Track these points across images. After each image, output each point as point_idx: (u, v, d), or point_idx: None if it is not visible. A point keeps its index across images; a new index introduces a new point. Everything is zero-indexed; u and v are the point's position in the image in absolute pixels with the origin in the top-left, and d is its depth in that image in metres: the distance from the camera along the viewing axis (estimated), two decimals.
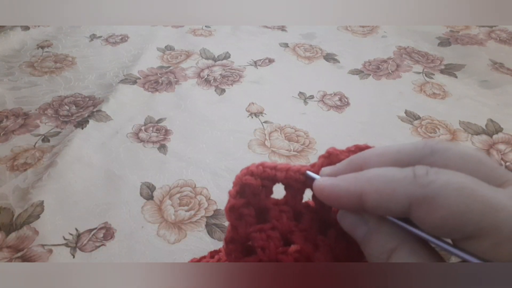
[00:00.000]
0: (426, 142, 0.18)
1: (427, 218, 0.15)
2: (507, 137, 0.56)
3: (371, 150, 0.19)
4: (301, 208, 0.22)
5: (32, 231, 0.42)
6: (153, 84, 0.68)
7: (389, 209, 0.17)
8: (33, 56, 0.75)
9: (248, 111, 0.62)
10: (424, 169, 0.16)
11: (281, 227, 0.21)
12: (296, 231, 0.21)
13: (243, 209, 0.21)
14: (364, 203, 0.17)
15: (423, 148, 0.17)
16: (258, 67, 0.73)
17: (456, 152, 0.17)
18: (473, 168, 0.16)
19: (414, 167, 0.16)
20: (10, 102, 0.63)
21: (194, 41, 0.81)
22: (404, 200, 0.16)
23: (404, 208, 0.16)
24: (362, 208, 0.17)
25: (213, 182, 0.49)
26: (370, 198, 0.17)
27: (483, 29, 0.86)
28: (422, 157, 0.17)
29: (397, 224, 0.17)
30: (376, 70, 0.72)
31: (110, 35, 0.82)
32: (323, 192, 0.19)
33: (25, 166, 0.51)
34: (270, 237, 0.20)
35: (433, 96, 0.65)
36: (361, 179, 0.18)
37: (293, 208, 0.21)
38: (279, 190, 0.22)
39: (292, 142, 0.55)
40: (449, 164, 0.16)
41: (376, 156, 0.19)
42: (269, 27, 0.87)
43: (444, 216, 0.15)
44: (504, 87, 0.67)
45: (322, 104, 0.63)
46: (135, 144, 0.55)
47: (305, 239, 0.20)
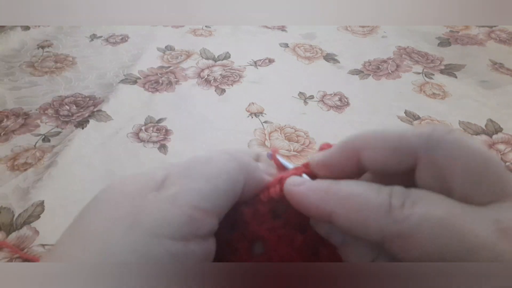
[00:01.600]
0: (432, 132, 0.16)
1: (401, 255, 0.14)
2: (507, 137, 0.56)
3: (371, 133, 0.17)
4: (307, 221, 0.19)
5: (32, 231, 0.42)
6: (153, 84, 0.68)
7: (360, 235, 0.15)
8: (34, 56, 0.75)
9: (248, 111, 0.62)
10: (401, 199, 0.15)
11: (277, 259, 0.19)
12: (295, 257, 0.19)
13: (237, 243, 0.20)
14: (333, 222, 0.16)
15: (427, 140, 0.16)
16: (258, 67, 0.73)
17: (463, 153, 0.15)
18: (475, 178, 0.15)
19: (392, 191, 0.15)
20: (10, 102, 0.63)
21: (194, 41, 0.81)
22: (377, 233, 0.15)
23: (376, 239, 0.15)
24: (333, 223, 0.16)
25: None
26: (340, 221, 0.16)
27: (483, 29, 0.86)
28: (426, 150, 0.16)
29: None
30: (376, 70, 0.72)
31: (110, 35, 0.83)
32: (292, 199, 0.18)
33: (26, 166, 0.51)
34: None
35: (433, 96, 0.65)
36: (333, 197, 0.16)
37: (297, 225, 0.19)
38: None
39: (292, 142, 0.55)
40: (452, 166, 0.15)
41: (376, 141, 0.17)
42: (269, 27, 0.87)
43: (419, 256, 0.14)
44: (504, 87, 0.67)
45: (322, 104, 0.63)
46: (135, 144, 0.55)
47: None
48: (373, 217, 0.15)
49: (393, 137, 0.16)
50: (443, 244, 0.13)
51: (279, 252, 0.19)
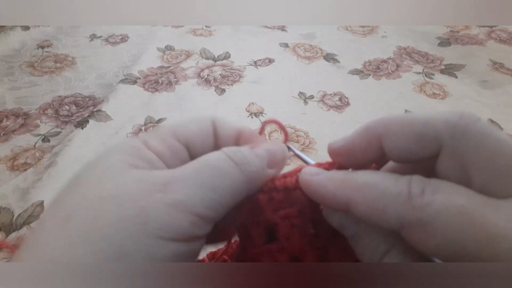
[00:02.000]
0: (459, 119, 0.15)
1: (420, 244, 0.14)
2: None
3: (394, 118, 0.17)
4: (320, 215, 0.19)
5: None
6: (153, 84, 0.68)
7: (377, 224, 0.15)
8: (33, 56, 0.75)
9: (248, 111, 0.62)
10: (421, 186, 0.14)
11: (290, 247, 0.19)
12: (308, 251, 0.19)
13: (252, 228, 0.20)
14: (351, 210, 0.16)
15: (454, 128, 0.15)
16: (258, 67, 0.73)
17: (488, 143, 0.14)
18: (498, 170, 0.14)
19: (411, 179, 0.15)
20: (10, 102, 0.63)
21: (194, 41, 0.81)
22: (395, 220, 0.14)
23: (394, 227, 0.15)
24: (350, 212, 0.16)
25: None
26: (357, 209, 0.16)
27: (483, 29, 0.86)
28: (451, 137, 0.15)
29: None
30: (376, 70, 0.72)
31: (110, 35, 0.82)
32: (308, 188, 0.18)
33: (25, 166, 0.51)
34: (277, 261, 0.19)
35: (433, 96, 0.65)
36: (351, 185, 0.16)
37: (310, 217, 0.19)
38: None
39: (292, 142, 0.55)
40: (475, 156, 0.15)
41: (399, 126, 0.16)
42: (269, 27, 0.87)
43: (438, 244, 0.14)
44: (504, 87, 0.67)
45: (322, 104, 0.63)
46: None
47: (318, 259, 0.19)
48: (392, 205, 0.14)
49: (418, 122, 0.16)
50: (464, 232, 0.13)
51: (291, 241, 0.19)
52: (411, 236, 0.14)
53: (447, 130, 0.15)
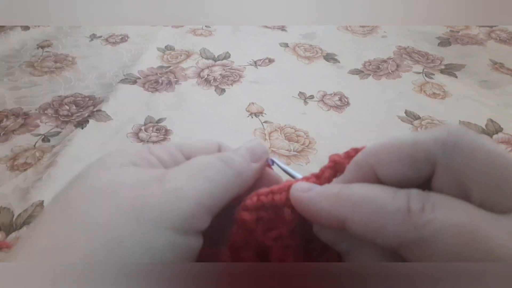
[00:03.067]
0: (447, 135, 0.15)
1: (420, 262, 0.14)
2: (507, 137, 0.56)
3: (382, 146, 0.16)
4: (312, 232, 0.18)
5: None
6: (153, 84, 0.68)
7: (374, 242, 0.15)
8: (33, 56, 0.75)
9: (248, 111, 0.62)
10: (420, 202, 0.14)
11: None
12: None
13: (242, 250, 0.19)
14: (346, 229, 0.15)
15: (444, 143, 0.14)
16: (258, 67, 0.73)
17: (481, 156, 0.14)
18: (495, 183, 0.14)
19: (410, 194, 0.14)
20: (10, 102, 0.63)
21: (194, 41, 0.81)
22: (394, 239, 0.14)
23: (392, 246, 0.14)
24: (345, 230, 0.15)
25: None
26: (354, 228, 0.15)
27: (483, 29, 0.86)
28: (443, 154, 0.14)
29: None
30: (376, 70, 0.72)
31: (110, 35, 0.82)
32: (300, 206, 0.17)
33: (25, 166, 0.51)
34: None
35: (433, 96, 0.65)
36: (345, 201, 0.15)
37: (302, 235, 0.18)
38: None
39: (292, 142, 0.55)
40: (470, 170, 0.14)
41: (389, 154, 0.16)
42: (269, 27, 0.87)
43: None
44: (504, 87, 0.67)
45: (322, 104, 0.63)
46: (135, 144, 0.55)
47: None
48: (391, 222, 0.14)
49: (406, 146, 0.15)
50: (465, 252, 0.13)
51: (285, 262, 0.18)
52: (411, 254, 0.14)
53: (438, 147, 0.15)
